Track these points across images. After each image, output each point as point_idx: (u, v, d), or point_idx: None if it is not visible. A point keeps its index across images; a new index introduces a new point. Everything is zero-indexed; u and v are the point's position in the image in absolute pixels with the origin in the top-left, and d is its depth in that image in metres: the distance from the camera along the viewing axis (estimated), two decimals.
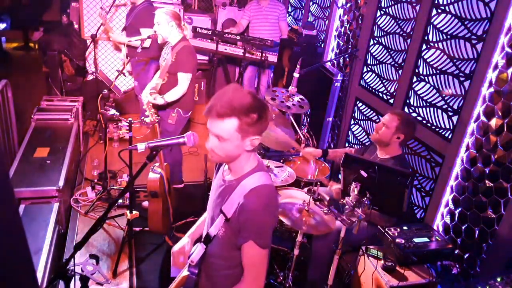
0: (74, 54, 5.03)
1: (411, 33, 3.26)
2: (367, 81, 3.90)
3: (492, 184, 2.52)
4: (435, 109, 3.05)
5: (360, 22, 3.99)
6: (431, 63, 3.07)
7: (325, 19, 4.75)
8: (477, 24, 2.68)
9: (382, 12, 3.66)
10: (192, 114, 5.14)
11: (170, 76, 3.41)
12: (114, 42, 5.11)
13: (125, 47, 4.23)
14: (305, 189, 3.00)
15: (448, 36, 2.91)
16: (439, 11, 2.99)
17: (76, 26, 5.32)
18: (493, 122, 2.52)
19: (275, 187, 1.63)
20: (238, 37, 5.03)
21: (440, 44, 2.98)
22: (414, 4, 3.25)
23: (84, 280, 2.18)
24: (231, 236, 1.58)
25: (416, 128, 2.77)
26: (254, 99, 1.50)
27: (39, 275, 2.43)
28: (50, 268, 2.60)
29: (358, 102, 4.04)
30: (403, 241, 2.39)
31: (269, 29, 5.34)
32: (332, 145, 4.47)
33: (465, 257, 2.70)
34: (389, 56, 3.59)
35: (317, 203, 2.51)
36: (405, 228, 2.53)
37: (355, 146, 4.14)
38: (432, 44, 3.06)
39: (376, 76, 3.77)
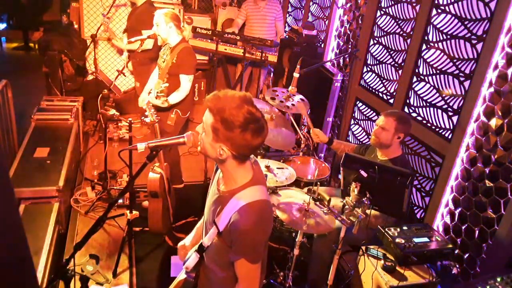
0: (74, 54, 5.03)
1: (411, 33, 3.26)
2: (367, 81, 3.90)
3: (492, 184, 2.52)
4: (435, 109, 3.05)
5: (360, 22, 3.99)
6: (431, 63, 3.07)
7: (325, 19, 4.75)
8: (477, 24, 2.68)
9: (382, 12, 3.66)
10: (192, 114, 5.13)
11: (170, 78, 3.41)
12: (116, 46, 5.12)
13: (126, 50, 4.23)
14: (305, 189, 3.00)
15: (448, 36, 2.91)
16: (439, 11, 2.99)
17: (76, 26, 5.32)
18: (493, 122, 2.52)
19: (270, 200, 1.63)
20: (238, 37, 5.02)
21: (440, 44, 2.98)
22: (414, 4, 3.25)
23: (84, 280, 2.18)
24: (223, 247, 1.58)
25: (411, 122, 2.77)
26: (243, 117, 1.42)
27: (39, 275, 2.43)
28: (50, 268, 2.60)
29: (358, 102, 4.04)
30: (403, 241, 2.39)
31: (266, 30, 5.35)
32: None
33: (465, 257, 2.70)
34: (389, 56, 3.59)
35: (317, 203, 2.52)
36: (405, 228, 2.53)
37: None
38: (432, 44, 3.06)
39: (376, 76, 3.77)
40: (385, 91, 3.63)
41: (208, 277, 1.74)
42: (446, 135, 2.93)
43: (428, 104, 3.12)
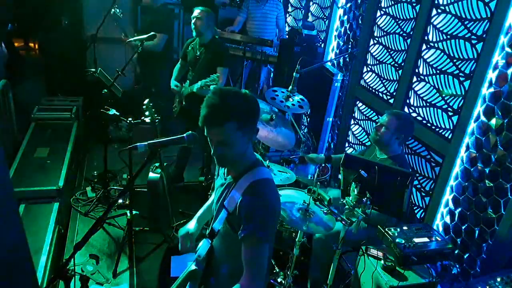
0: (74, 54, 5.03)
1: (411, 33, 3.26)
2: (367, 81, 3.90)
3: (492, 184, 2.52)
4: (435, 109, 3.05)
5: (360, 22, 3.99)
6: (431, 63, 3.07)
7: (325, 19, 4.75)
8: (477, 24, 2.67)
9: (382, 12, 3.66)
10: None
11: (208, 71, 3.55)
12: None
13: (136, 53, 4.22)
14: (305, 189, 3.00)
15: (448, 36, 2.91)
16: (439, 11, 2.99)
17: (76, 26, 5.31)
18: (493, 122, 2.52)
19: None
20: (238, 37, 5.03)
21: (440, 44, 2.98)
22: (414, 4, 3.25)
23: (84, 280, 2.19)
24: (233, 232, 1.59)
25: (414, 127, 2.77)
26: (240, 95, 1.52)
27: (39, 275, 2.43)
28: (50, 268, 2.60)
29: (358, 102, 4.04)
30: (403, 241, 2.39)
31: (267, 28, 5.35)
32: (332, 145, 4.47)
33: (465, 257, 2.70)
34: (389, 56, 3.59)
35: (317, 203, 2.52)
36: (405, 228, 2.53)
37: (355, 146, 4.14)
38: (432, 44, 3.06)
39: (376, 76, 3.77)
40: (385, 91, 3.63)
41: (215, 270, 1.74)
42: (446, 135, 2.93)
43: (428, 104, 3.11)
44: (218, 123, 1.46)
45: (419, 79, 3.20)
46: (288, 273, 2.71)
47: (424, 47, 3.13)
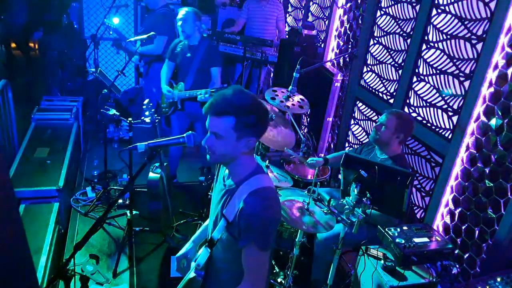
0: (74, 54, 5.04)
1: (411, 33, 3.26)
2: (367, 81, 3.90)
3: (492, 184, 2.52)
4: (435, 109, 3.05)
5: (360, 22, 3.99)
6: (431, 63, 3.07)
7: (325, 19, 4.75)
8: (477, 24, 2.68)
9: (382, 12, 3.66)
10: None
11: (199, 73, 3.55)
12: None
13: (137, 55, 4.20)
14: (305, 189, 3.00)
15: (448, 36, 2.91)
16: (439, 11, 2.99)
17: (76, 26, 5.32)
18: (493, 122, 2.52)
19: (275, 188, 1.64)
20: (238, 37, 5.03)
21: (440, 44, 2.98)
22: (414, 4, 3.25)
23: (84, 280, 2.19)
24: (233, 240, 1.58)
25: (414, 126, 2.77)
26: (255, 101, 1.51)
27: (39, 275, 2.43)
28: (50, 268, 2.60)
29: (358, 102, 4.04)
30: (403, 241, 2.39)
31: (267, 29, 5.35)
32: (332, 145, 4.47)
33: (465, 257, 2.70)
34: (389, 56, 3.59)
35: (317, 203, 2.52)
36: (405, 228, 2.53)
37: (355, 146, 4.14)
38: (432, 44, 3.06)
39: (376, 76, 3.77)
40: (385, 91, 3.63)
41: (215, 278, 1.74)
42: (446, 135, 2.93)
43: (428, 104, 3.12)
44: (219, 112, 1.48)
45: (419, 79, 3.20)
46: (288, 273, 2.71)
47: (424, 47, 3.13)
